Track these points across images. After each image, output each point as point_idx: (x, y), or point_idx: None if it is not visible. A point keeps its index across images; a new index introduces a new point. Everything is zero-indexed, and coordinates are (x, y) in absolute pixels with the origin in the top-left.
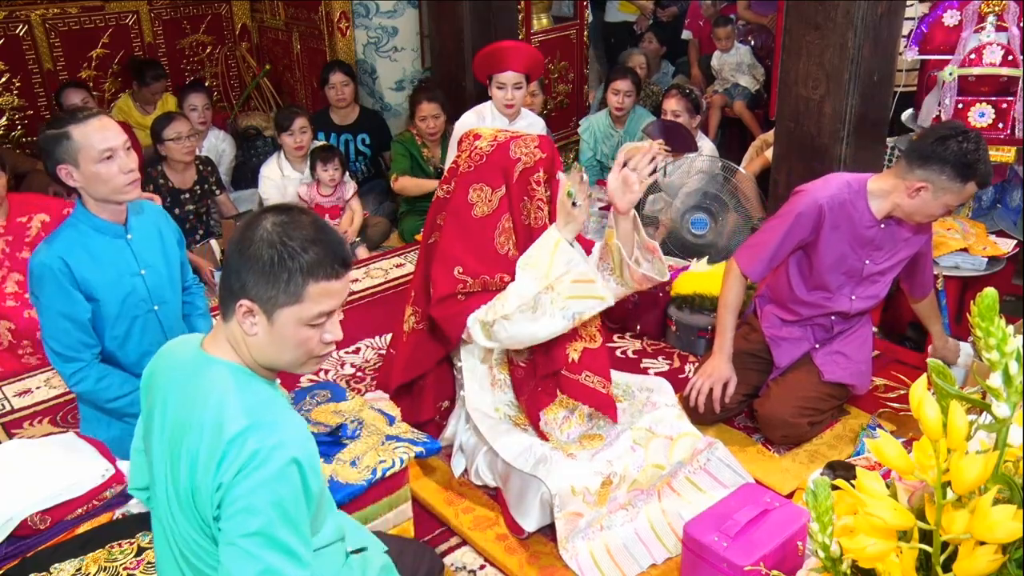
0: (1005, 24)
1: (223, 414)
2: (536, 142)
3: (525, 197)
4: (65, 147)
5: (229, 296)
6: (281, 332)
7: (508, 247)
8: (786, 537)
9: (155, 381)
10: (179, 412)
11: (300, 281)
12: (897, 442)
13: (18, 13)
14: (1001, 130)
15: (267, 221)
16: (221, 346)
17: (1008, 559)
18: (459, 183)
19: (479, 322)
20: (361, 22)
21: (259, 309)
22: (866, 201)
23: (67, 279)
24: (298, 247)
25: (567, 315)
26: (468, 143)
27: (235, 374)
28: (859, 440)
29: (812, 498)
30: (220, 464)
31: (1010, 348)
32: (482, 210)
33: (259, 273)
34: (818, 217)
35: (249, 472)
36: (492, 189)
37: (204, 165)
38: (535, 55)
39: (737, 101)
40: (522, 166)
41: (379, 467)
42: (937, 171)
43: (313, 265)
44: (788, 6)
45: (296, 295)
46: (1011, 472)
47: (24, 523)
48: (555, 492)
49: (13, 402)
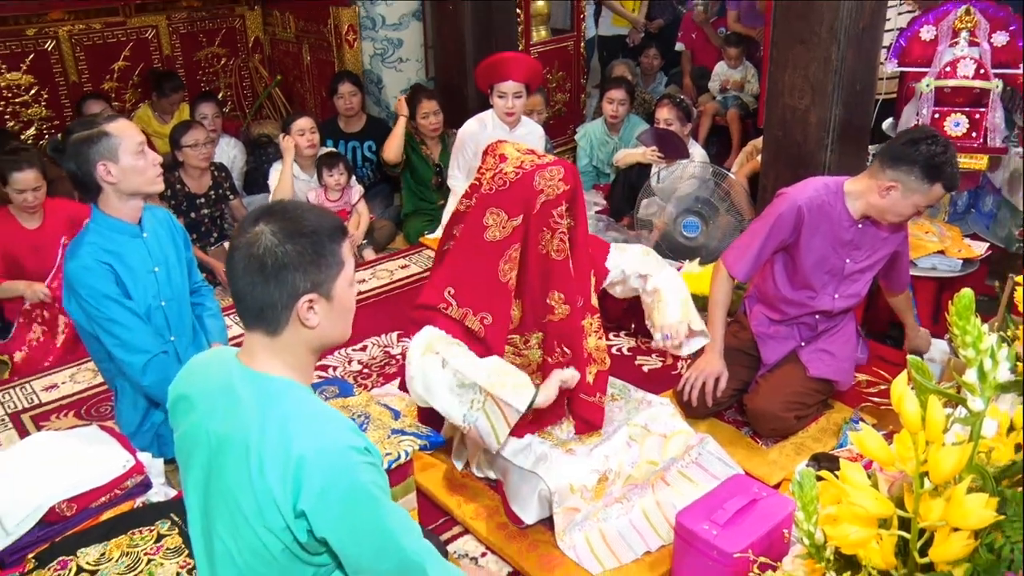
0: (977, 40)
1: (287, 433)
2: (560, 174)
3: (545, 228)
4: (104, 144)
5: (281, 309)
6: (341, 302)
7: (510, 276)
8: (773, 525)
9: (190, 399)
10: (225, 428)
11: (333, 248)
12: (878, 435)
13: (47, 29)
14: (975, 139)
15: (262, 232)
16: (266, 361)
17: (980, 544)
18: (478, 202)
19: (428, 341)
20: (368, 34)
21: (319, 296)
22: (843, 202)
23: (111, 276)
24: (315, 223)
25: (466, 417)
26: (494, 162)
27: (284, 387)
28: (842, 433)
29: (798, 488)
30: (297, 487)
31: (985, 346)
32: (494, 235)
33: (305, 266)
34: (797, 219)
35: (329, 493)
36: (508, 217)
37: (219, 171)
38: (534, 65)
39: (731, 109)
40: (545, 198)
41: (385, 459)
42: (906, 171)
43: (331, 230)
44: (775, 21)
45: (338, 261)
46: (984, 463)
47: (52, 510)
48: (554, 489)
49: (41, 396)
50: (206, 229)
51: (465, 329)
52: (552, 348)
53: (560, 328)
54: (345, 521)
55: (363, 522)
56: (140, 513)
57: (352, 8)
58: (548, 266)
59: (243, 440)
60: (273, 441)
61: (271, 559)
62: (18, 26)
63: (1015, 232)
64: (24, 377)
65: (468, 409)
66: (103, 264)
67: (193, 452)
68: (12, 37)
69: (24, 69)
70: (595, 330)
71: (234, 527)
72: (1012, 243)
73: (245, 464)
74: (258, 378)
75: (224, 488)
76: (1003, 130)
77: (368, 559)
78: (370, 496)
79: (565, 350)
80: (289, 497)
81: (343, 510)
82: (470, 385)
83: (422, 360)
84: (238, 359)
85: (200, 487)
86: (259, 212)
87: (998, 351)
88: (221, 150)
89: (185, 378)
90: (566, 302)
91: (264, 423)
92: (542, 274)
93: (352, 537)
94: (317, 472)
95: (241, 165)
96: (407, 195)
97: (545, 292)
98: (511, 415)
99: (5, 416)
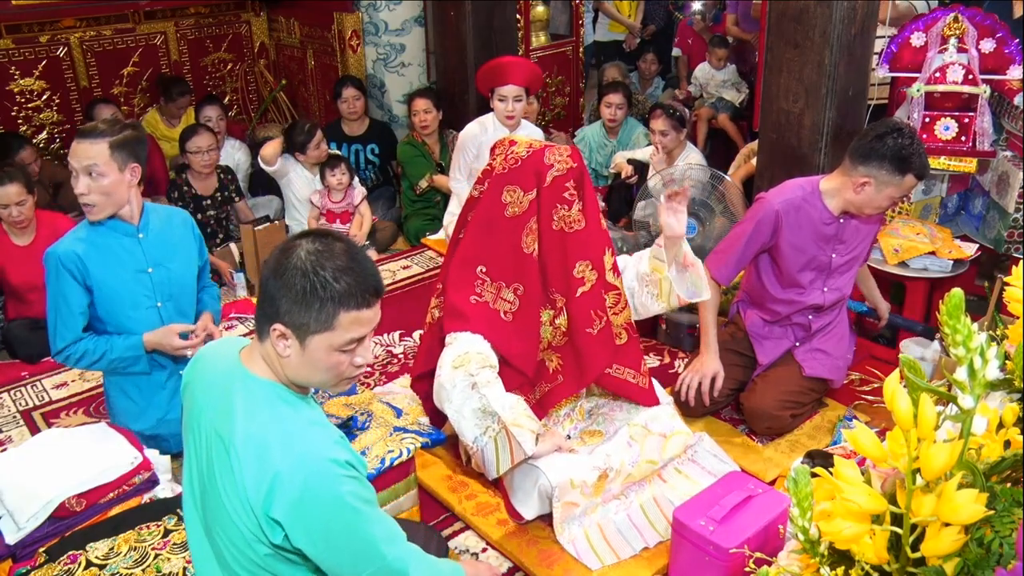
0: (965, 46)
1: (266, 443)
2: (568, 152)
3: (558, 203)
4: (143, 148)
5: (264, 319)
6: (312, 356)
7: (533, 247)
8: (768, 521)
9: (193, 388)
10: (217, 424)
11: (331, 310)
12: (871, 432)
13: (59, 36)
14: (964, 143)
15: (302, 249)
16: (258, 363)
17: (970, 539)
18: (493, 183)
19: (463, 354)
20: (371, 39)
21: (292, 334)
22: (821, 200)
23: (76, 270)
24: (330, 277)
25: (477, 440)
26: (504, 148)
27: (272, 393)
28: (836, 430)
29: (793, 485)
30: (269, 498)
31: (974, 344)
32: (513, 211)
33: (292, 300)
34: (775, 222)
35: (305, 506)
36: (524, 192)
37: (225, 174)
38: (534, 70)
39: (722, 114)
40: (556, 172)
41: (388, 456)
42: (877, 166)
43: (344, 295)
44: (770, 26)
45: (327, 323)
46: (974, 459)
47: (62, 505)
48: (555, 484)
49: (51, 394)
50: (212, 230)
51: (500, 320)
52: (590, 319)
53: (593, 296)
54: (321, 532)
55: (340, 533)
56: (147, 509)
57: (356, 14)
58: (565, 239)
59: (229, 438)
60: (252, 446)
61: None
62: (31, 33)
63: (1003, 233)
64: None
65: (481, 433)
66: (76, 259)
67: (189, 440)
68: (26, 44)
69: (36, 75)
70: (614, 305)
71: (226, 517)
72: (1001, 244)
73: (228, 462)
74: (250, 380)
75: (213, 480)
76: (991, 134)
77: (347, 567)
78: (347, 507)
79: (601, 315)
80: (261, 503)
81: (318, 521)
82: (491, 413)
83: (453, 374)
84: (240, 356)
85: (194, 474)
86: (327, 233)
87: (987, 350)
88: (226, 153)
89: (195, 366)
90: (594, 268)
91: (247, 427)
92: (560, 250)
93: (328, 547)
94: (292, 484)
95: (246, 168)
96: (406, 197)
97: (569, 266)
98: (518, 454)
99: (16, 413)
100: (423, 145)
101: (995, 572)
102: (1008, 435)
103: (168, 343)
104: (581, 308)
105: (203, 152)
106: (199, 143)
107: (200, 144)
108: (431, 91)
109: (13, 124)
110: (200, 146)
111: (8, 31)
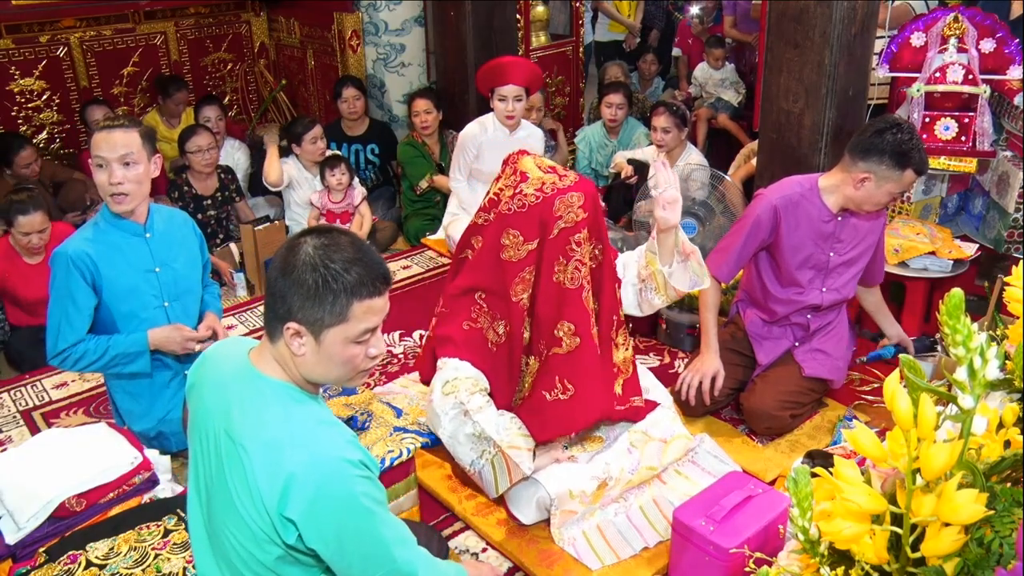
0: (965, 46)
1: (279, 443)
2: (580, 201)
3: (561, 256)
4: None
5: (275, 319)
6: (329, 351)
7: (522, 297)
8: (768, 521)
9: (200, 389)
10: (227, 424)
11: (345, 301)
12: (871, 432)
13: (59, 36)
14: (964, 142)
15: (308, 245)
16: (269, 364)
17: (970, 539)
18: (496, 220)
19: (452, 379)
20: (371, 40)
21: (306, 331)
22: (820, 197)
23: (86, 270)
24: (340, 268)
25: (474, 463)
26: (513, 180)
27: (284, 393)
28: (836, 431)
29: (793, 485)
30: (284, 498)
31: (974, 344)
32: (509, 255)
33: (304, 296)
34: (774, 219)
35: (319, 505)
36: (524, 240)
37: (225, 174)
38: (534, 70)
39: (721, 114)
40: (563, 224)
41: (388, 456)
42: (876, 162)
43: (356, 285)
44: (770, 26)
45: (342, 315)
46: (974, 459)
47: (62, 505)
48: (554, 496)
49: (52, 394)
50: (212, 230)
51: (487, 349)
52: (551, 383)
53: (566, 361)
54: (334, 532)
55: (352, 534)
56: (147, 509)
57: (356, 14)
58: (562, 295)
59: (240, 439)
60: (265, 447)
61: (266, 556)
62: (32, 33)
63: (1003, 233)
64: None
65: (477, 457)
66: (86, 257)
67: (195, 441)
68: (26, 44)
69: (36, 75)
70: (623, 342)
71: (236, 518)
72: (1000, 244)
73: (239, 463)
74: (260, 380)
75: (223, 480)
76: (991, 134)
77: (358, 569)
78: (361, 508)
79: (568, 385)
80: (276, 503)
81: (332, 521)
82: (486, 439)
83: (443, 401)
84: (249, 356)
85: (200, 476)
86: (330, 228)
87: (987, 350)
88: (226, 153)
89: (202, 367)
90: (576, 334)
91: (259, 427)
92: (555, 303)
93: (340, 547)
94: (307, 484)
95: (246, 167)
96: (406, 197)
97: (555, 322)
98: (516, 474)
99: (16, 413)
100: (423, 145)
101: (995, 572)
102: (1008, 435)
103: (178, 334)
104: (549, 369)
105: (203, 151)
106: (199, 142)
107: (200, 143)
108: (431, 91)
109: (13, 124)
110: (200, 145)
111: (8, 31)
